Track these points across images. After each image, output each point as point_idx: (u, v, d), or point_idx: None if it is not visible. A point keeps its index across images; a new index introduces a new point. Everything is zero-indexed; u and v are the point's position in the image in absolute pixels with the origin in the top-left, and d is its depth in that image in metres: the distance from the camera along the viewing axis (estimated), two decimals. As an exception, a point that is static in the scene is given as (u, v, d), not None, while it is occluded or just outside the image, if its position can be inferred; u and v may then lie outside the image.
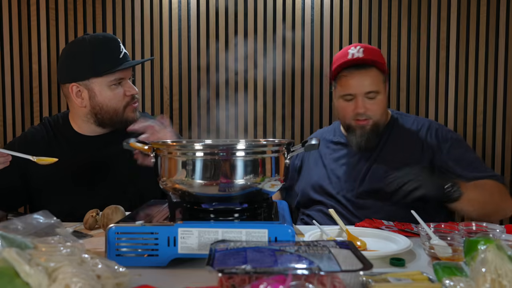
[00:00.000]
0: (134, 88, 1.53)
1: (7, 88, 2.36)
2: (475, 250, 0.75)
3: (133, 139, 1.10)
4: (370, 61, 1.58)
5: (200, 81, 2.34)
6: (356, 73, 1.58)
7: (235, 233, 0.92)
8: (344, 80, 1.60)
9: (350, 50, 1.61)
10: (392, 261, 0.97)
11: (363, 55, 1.58)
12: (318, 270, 0.70)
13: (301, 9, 2.30)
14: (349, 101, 1.61)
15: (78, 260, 0.70)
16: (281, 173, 1.02)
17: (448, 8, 2.27)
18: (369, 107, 1.59)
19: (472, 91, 2.29)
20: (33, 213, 0.94)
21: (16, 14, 2.33)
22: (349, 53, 1.60)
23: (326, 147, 1.74)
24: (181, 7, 2.31)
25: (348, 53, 1.60)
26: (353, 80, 1.58)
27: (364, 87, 1.57)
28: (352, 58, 1.58)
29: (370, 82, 1.58)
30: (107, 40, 1.50)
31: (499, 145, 2.30)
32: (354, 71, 1.58)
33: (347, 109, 1.62)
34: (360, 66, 1.58)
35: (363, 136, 1.61)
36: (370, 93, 1.58)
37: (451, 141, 1.62)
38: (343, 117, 1.66)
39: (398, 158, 1.60)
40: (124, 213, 1.22)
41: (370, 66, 1.59)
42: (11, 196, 1.52)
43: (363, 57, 1.58)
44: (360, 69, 1.58)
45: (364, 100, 1.59)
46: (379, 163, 1.61)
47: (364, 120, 1.60)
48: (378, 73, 1.60)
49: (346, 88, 1.60)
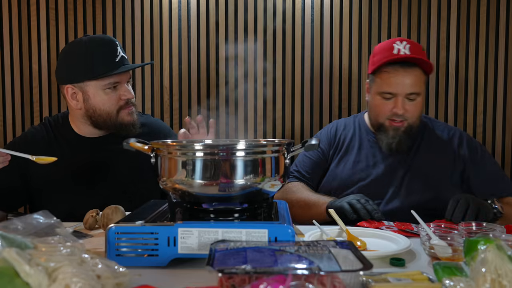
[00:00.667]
0: (130, 92, 1.51)
1: (7, 88, 2.36)
2: (475, 250, 0.75)
3: (133, 139, 1.09)
4: (416, 59, 1.49)
5: (200, 81, 2.34)
6: (401, 71, 1.49)
7: (235, 233, 0.92)
8: (386, 77, 1.51)
9: (395, 45, 1.51)
10: (392, 261, 0.97)
11: (409, 53, 1.49)
12: (318, 270, 0.70)
13: (301, 9, 2.30)
14: (387, 100, 1.53)
15: (78, 260, 0.70)
16: (281, 173, 1.02)
17: (448, 8, 2.27)
18: (408, 109, 1.51)
19: (472, 91, 2.29)
20: (33, 213, 0.94)
21: (16, 14, 2.33)
22: (395, 48, 1.50)
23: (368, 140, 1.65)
24: (181, 7, 2.31)
25: (393, 47, 1.51)
26: (397, 79, 1.49)
27: (406, 88, 1.49)
28: (398, 54, 1.49)
29: (414, 82, 1.50)
30: (104, 43, 1.48)
31: (499, 145, 2.30)
32: (399, 68, 1.49)
33: (384, 107, 1.53)
34: (406, 64, 1.49)
35: (395, 137, 1.54)
36: (412, 94, 1.50)
37: (480, 154, 1.60)
38: (377, 115, 1.57)
39: (432, 166, 1.56)
40: (124, 213, 1.22)
41: (415, 65, 1.50)
42: (11, 196, 1.52)
43: (410, 54, 1.49)
44: (405, 67, 1.49)
45: (404, 100, 1.51)
46: (414, 170, 1.57)
47: (400, 121, 1.53)
48: (421, 74, 1.53)
49: (387, 85, 1.51)
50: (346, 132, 1.70)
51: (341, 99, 2.33)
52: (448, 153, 1.59)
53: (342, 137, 1.69)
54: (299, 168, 1.70)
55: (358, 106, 2.31)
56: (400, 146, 1.55)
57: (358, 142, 1.66)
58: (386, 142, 1.55)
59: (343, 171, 1.63)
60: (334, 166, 1.66)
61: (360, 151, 1.64)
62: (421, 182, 1.55)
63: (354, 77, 2.30)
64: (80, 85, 1.46)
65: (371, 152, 1.62)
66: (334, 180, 1.63)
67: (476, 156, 1.59)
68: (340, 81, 2.32)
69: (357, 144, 1.66)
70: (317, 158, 1.69)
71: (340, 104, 2.33)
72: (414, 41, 1.58)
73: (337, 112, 2.33)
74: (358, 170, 1.61)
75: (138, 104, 2.35)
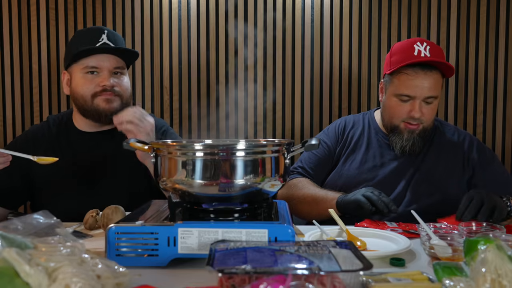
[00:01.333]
0: (108, 80, 1.47)
1: (7, 88, 2.36)
2: (475, 250, 0.75)
3: (133, 139, 1.09)
4: (437, 63, 1.46)
5: (200, 81, 2.34)
6: (421, 74, 1.46)
7: (235, 233, 0.92)
8: (405, 79, 1.48)
9: (416, 46, 1.48)
10: (392, 261, 0.97)
11: (430, 55, 1.46)
12: (318, 270, 0.70)
13: (301, 9, 2.30)
14: (404, 102, 1.50)
15: (78, 260, 0.70)
16: (281, 173, 1.02)
17: (448, 8, 2.27)
18: (425, 112, 1.49)
19: (472, 91, 2.29)
20: (33, 213, 0.94)
21: (16, 14, 2.33)
22: (415, 49, 1.47)
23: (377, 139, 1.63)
24: (181, 7, 2.31)
25: (414, 48, 1.48)
26: (417, 81, 1.46)
27: (425, 91, 1.47)
28: (419, 56, 1.46)
29: (432, 86, 1.47)
30: (91, 29, 1.54)
31: (499, 145, 2.30)
32: (419, 71, 1.46)
33: (400, 110, 1.51)
34: (426, 67, 1.46)
35: (409, 140, 1.52)
36: (430, 98, 1.48)
37: (490, 157, 1.59)
38: (392, 116, 1.54)
39: (440, 169, 1.56)
40: (124, 213, 1.22)
41: (435, 68, 1.48)
42: (11, 196, 1.52)
43: (431, 57, 1.46)
44: (425, 70, 1.46)
45: (422, 104, 1.48)
46: (422, 173, 1.55)
47: (416, 124, 1.51)
48: (440, 77, 1.50)
49: (406, 88, 1.48)
50: (354, 129, 1.68)
51: (341, 99, 2.33)
52: (457, 157, 1.58)
53: (351, 135, 1.67)
54: (303, 165, 1.68)
55: (358, 106, 2.31)
56: (414, 148, 1.53)
57: (366, 141, 1.64)
58: (400, 145, 1.53)
59: (349, 170, 1.61)
60: (341, 164, 1.64)
61: (368, 151, 1.62)
62: (428, 185, 1.54)
63: (354, 77, 2.30)
64: (69, 70, 1.52)
65: (379, 152, 1.61)
66: (340, 179, 1.61)
67: (485, 159, 1.58)
68: (340, 81, 2.32)
69: (365, 143, 1.64)
70: (323, 155, 1.66)
71: (340, 104, 2.33)
72: (434, 43, 1.56)
73: (337, 112, 2.33)
74: (365, 170, 1.59)
75: (138, 104, 2.35)
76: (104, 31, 1.50)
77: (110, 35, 1.50)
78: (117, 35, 1.55)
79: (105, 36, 1.48)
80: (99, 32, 1.49)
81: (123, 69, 1.53)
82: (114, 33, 1.54)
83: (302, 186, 1.58)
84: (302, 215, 1.58)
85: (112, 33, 1.52)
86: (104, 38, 1.48)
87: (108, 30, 1.52)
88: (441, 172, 1.56)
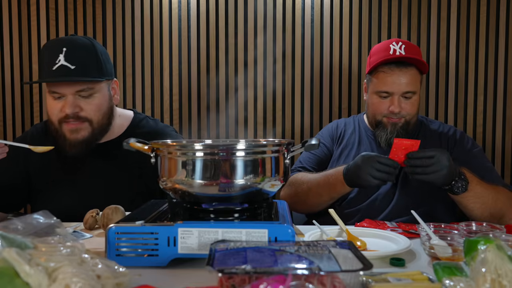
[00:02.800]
0: (70, 107, 1.36)
1: (7, 88, 2.36)
2: (475, 250, 0.75)
3: (133, 139, 1.09)
4: (411, 59, 1.54)
5: (200, 81, 2.34)
6: (397, 71, 1.54)
7: (235, 233, 0.92)
8: (382, 76, 1.56)
9: (392, 46, 1.56)
10: (392, 261, 0.97)
11: (405, 53, 1.54)
12: (318, 270, 0.70)
13: (301, 9, 2.30)
14: (384, 98, 1.58)
15: (78, 260, 0.70)
16: (281, 173, 1.02)
17: (448, 8, 2.27)
18: (404, 107, 1.56)
19: (472, 91, 2.29)
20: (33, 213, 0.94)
21: (16, 14, 2.33)
22: (391, 48, 1.55)
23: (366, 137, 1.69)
24: (181, 7, 2.31)
25: (390, 48, 1.55)
26: (392, 78, 1.54)
27: (402, 87, 1.54)
28: (394, 54, 1.54)
29: (409, 81, 1.54)
30: (51, 46, 1.38)
31: (499, 145, 2.30)
32: (395, 68, 1.54)
33: (381, 106, 1.58)
34: (401, 64, 1.54)
35: (393, 132, 1.57)
36: (407, 93, 1.55)
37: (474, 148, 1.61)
38: (374, 113, 1.62)
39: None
40: (124, 213, 1.22)
41: (410, 65, 1.55)
42: (11, 195, 1.52)
43: (405, 55, 1.53)
44: (400, 67, 1.54)
45: (400, 99, 1.56)
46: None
47: (397, 118, 1.57)
48: (417, 73, 1.57)
49: (383, 85, 1.56)
50: (346, 128, 1.76)
51: (341, 99, 2.33)
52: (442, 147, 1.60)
53: (343, 133, 1.75)
54: (303, 164, 1.72)
55: (358, 106, 2.31)
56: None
57: (358, 138, 1.71)
58: (385, 137, 1.59)
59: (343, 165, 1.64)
60: (336, 161, 1.69)
61: (360, 147, 1.69)
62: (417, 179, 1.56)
63: (354, 77, 2.30)
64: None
65: (370, 149, 1.66)
66: None
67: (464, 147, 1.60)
68: (340, 81, 2.32)
69: (357, 141, 1.71)
70: (322, 154, 1.73)
71: (340, 104, 2.33)
72: (410, 42, 1.62)
73: (337, 112, 2.33)
74: None
75: (138, 104, 2.35)
76: (62, 50, 1.34)
77: (69, 52, 1.35)
78: (79, 49, 1.37)
79: (62, 57, 1.34)
80: (57, 51, 1.35)
81: (90, 89, 1.39)
82: (75, 47, 1.37)
83: (302, 180, 1.60)
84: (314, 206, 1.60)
85: (71, 49, 1.36)
86: (60, 59, 1.33)
87: (67, 46, 1.36)
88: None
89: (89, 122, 1.40)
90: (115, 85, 1.52)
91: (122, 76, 2.35)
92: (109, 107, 1.46)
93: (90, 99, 1.39)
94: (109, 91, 1.48)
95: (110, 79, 1.48)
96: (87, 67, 1.37)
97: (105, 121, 1.45)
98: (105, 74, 1.43)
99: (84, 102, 1.39)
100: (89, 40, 1.43)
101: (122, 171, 1.49)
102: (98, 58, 1.41)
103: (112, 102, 1.50)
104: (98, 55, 1.41)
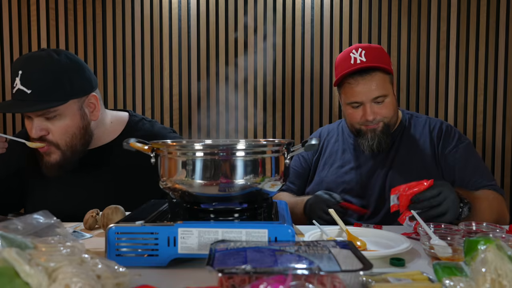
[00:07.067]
0: (34, 132, 1.29)
1: (7, 88, 2.36)
2: (475, 250, 0.75)
3: (133, 139, 1.09)
4: (373, 66, 1.52)
5: (200, 81, 2.34)
6: (361, 80, 1.52)
7: (235, 233, 0.92)
8: (348, 88, 1.54)
9: (352, 54, 1.54)
10: (392, 261, 0.97)
11: (365, 60, 1.52)
12: (318, 270, 0.70)
13: (301, 9, 2.30)
14: (356, 108, 1.56)
15: (78, 260, 0.70)
16: (281, 173, 1.02)
17: (448, 8, 2.27)
18: (378, 112, 1.54)
19: (472, 91, 2.29)
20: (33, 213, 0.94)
21: (16, 14, 2.33)
22: (351, 58, 1.53)
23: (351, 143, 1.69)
24: (181, 7, 2.31)
25: (350, 57, 1.54)
26: (359, 88, 1.52)
27: (370, 94, 1.52)
28: (355, 64, 1.52)
29: (376, 87, 1.52)
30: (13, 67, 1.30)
31: (499, 145, 2.30)
32: (358, 77, 1.52)
33: (355, 115, 1.57)
34: (364, 71, 1.52)
35: (374, 139, 1.56)
36: (378, 98, 1.53)
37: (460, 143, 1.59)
38: (351, 123, 1.61)
39: (413, 162, 1.57)
40: (124, 213, 1.22)
41: (374, 69, 1.52)
42: (7, 194, 1.52)
43: (366, 62, 1.51)
44: (364, 75, 1.52)
45: (372, 105, 1.54)
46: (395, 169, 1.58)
47: (374, 124, 1.56)
48: (383, 76, 1.54)
49: (352, 96, 1.54)
50: (329, 138, 1.76)
51: (341, 99, 2.33)
52: (428, 147, 1.60)
53: (326, 143, 1.75)
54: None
55: (358, 106, 2.31)
56: (380, 145, 1.57)
57: (341, 146, 1.71)
58: (367, 145, 1.58)
59: (327, 175, 1.67)
60: (320, 171, 1.70)
61: (344, 155, 1.69)
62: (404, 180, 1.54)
63: (354, 77, 2.30)
64: None
65: (354, 155, 1.66)
66: (321, 185, 1.66)
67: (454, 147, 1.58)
68: (340, 81, 2.32)
69: (341, 149, 1.71)
70: (300, 168, 1.75)
71: (340, 104, 2.32)
72: (372, 45, 1.60)
73: (337, 112, 2.33)
74: (342, 173, 1.65)
75: (138, 104, 2.35)
76: (18, 72, 1.25)
77: (24, 75, 1.25)
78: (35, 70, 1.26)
79: (18, 80, 1.25)
80: (14, 73, 1.27)
81: (53, 111, 1.29)
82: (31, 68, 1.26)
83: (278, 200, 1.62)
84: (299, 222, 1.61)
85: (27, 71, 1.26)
86: (17, 83, 1.25)
87: (23, 68, 1.26)
88: (415, 164, 1.58)
89: (55, 146, 1.33)
90: (93, 99, 1.39)
91: (122, 76, 2.35)
92: (81, 127, 1.36)
93: (56, 121, 1.30)
94: (81, 110, 1.35)
95: (82, 96, 1.35)
96: (45, 90, 1.26)
97: (76, 142, 1.35)
98: (71, 93, 1.30)
99: (51, 124, 1.31)
100: (50, 56, 1.29)
101: (116, 176, 1.48)
102: (59, 78, 1.28)
103: (87, 120, 1.39)
104: (60, 74, 1.28)
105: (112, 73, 2.35)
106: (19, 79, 1.24)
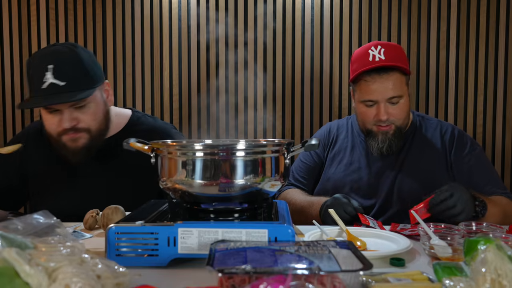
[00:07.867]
0: (66, 122, 1.34)
1: (7, 88, 2.36)
2: (475, 250, 0.75)
3: (133, 139, 1.09)
4: (392, 65, 1.48)
5: (200, 81, 2.34)
6: (378, 78, 1.48)
7: (235, 233, 0.92)
8: (364, 86, 1.51)
9: (370, 51, 1.50)
10: (392, 261, 0.97)
11: (385, 58, 1.48)
12: (318, 270, 0.70)
13: (301, 9, 2.30)
14: (370, 107, 1.53)
15: (78, 260, 0.70)
16: (281, 173, 1.02)
17: (448, 8, 2.27)
18: (392, 112, 1.51)
19: (472, 91, 2.29)
20: (33, 213, 0.94)
21: (16, 14, 2.33)
22: (370, 55, 1.50)
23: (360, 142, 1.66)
24: (181, 7, 2.31)
25: (369, 54, 1.50)
26: (375, 86, 1.49)
27: (386, 93, 1.48)
28: (374, 61, 1.48)
29: (393, 87, 1.48)
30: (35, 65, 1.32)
31: (499, 145, 2.30)
32: (376, 75, 1.48)
33: (368, 114, 1.54)
34: (382, 70, 1.48)
35: (384, 141, 1.53)
36: (393, 98, 1.50)
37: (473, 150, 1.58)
38: (363, 122, 1.57)
39: (423, 165, 1.56)
40: (124, 213, 1.22)
41: (392, 69, 1.49)
42: (9, 196, 1.52)
43: (385, 60, 1.48)
44: (381, 74, 1.48)
45: (387, 105, 1.50)
46: (404, 171, 1.56)
47: (387, 126, 1.52)
48: (400, 76, 1.50)
49: (367, 94, 1.51)
50: (339, 133, 1.72)
51: (341, 99, 2.33)
52: (439, 151, 1.58)
53: (335, 138, 1.72)
54: (295, 174, 1.72)
55: (358, 106, 2.31)
56: (391, 149, 1.55)
57: (351, 143, 1.68)
58: (377, 147, 1.55)
59: (335, 172, 1.65)
60: (328, 167, 1.67)
61: (353, 153, 1.66)
62: (413, 182, 1.55)
63: (354, 77, 2.30)
64: None
65: (364, 154, 1.63)
66: (328, 182, 1.64)
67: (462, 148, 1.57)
68: (340, 81, 2.32)
69: (350, 146, 1.67)
70: (312, 163, 1.71)
71: (340, 104, 2.33)
72: (391, 43, 1.57)
73: (337, 112, 2.33)
74: (350, 172, 1.62)
75: (138, 104, 2.35)
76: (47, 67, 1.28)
77: (57, 69, 1.29)
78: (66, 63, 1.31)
79: (49, 75, 1.28)
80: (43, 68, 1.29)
81: (83, 100, 1.34)
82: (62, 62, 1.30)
83: (292, 200, 1.59)
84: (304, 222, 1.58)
85: (58, 65, 1.29)
86: (48, 78, 1.28)
87: (54, 62, 1.29)
88: (425, 167, 1.56)
89: (87, 131, 1.38)
90: (107, 86, 1.47)
91: (122, 76, 2.35)
92: (104, 112, 1.43)
93: (86, 109, 1.36)
94: (102, 96, 1.43)
95: (102, 83, 1.43)
96: (77, 81, 1.32)
97: (103, 127, 1.43)
98: (96, 81, 1.38)
99: (80, 113, 1.36)
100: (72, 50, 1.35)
101: (119, 170, 1.49)
102: (86, 68, 1.35)
103: (107, 105, 1.46)
104: (85, 65, 1.35)
105: (112, 73, 2.35)
106: (51, 73, 1.28)
